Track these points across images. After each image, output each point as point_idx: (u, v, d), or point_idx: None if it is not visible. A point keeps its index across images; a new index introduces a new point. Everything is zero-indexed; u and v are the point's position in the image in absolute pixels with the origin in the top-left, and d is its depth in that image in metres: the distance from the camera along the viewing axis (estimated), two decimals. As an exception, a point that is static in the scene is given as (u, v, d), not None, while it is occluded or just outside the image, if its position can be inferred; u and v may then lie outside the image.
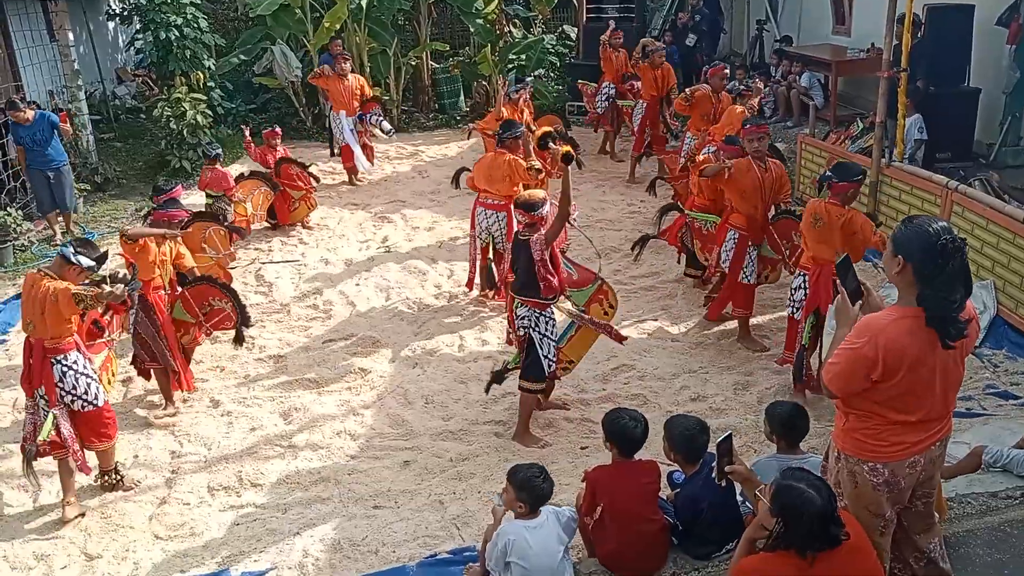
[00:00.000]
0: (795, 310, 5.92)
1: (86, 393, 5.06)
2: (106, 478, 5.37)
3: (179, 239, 6.30)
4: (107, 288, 4.91)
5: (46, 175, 9.29)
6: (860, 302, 3.14)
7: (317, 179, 10.11)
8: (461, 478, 5.36)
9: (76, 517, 5.10)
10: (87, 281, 5.09)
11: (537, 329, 5.45)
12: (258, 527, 5.01)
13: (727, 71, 9.30)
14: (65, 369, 4.99)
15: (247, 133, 10.26)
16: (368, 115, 11.33)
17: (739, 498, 3.96)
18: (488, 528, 3.91)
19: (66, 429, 5.00)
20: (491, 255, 7.72)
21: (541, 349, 5.46)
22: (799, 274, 5.91)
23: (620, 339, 5.73)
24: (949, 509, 4.10)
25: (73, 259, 4.90)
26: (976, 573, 3.78)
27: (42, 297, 4.82)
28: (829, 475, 3.34)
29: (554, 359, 5.52)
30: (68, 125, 9.63)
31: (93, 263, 4.98)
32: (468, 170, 8.03)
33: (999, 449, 4.51)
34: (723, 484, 3.60)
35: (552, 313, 5.51)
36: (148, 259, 5.95)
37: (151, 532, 5.01)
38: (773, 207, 6.75)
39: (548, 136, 5.79)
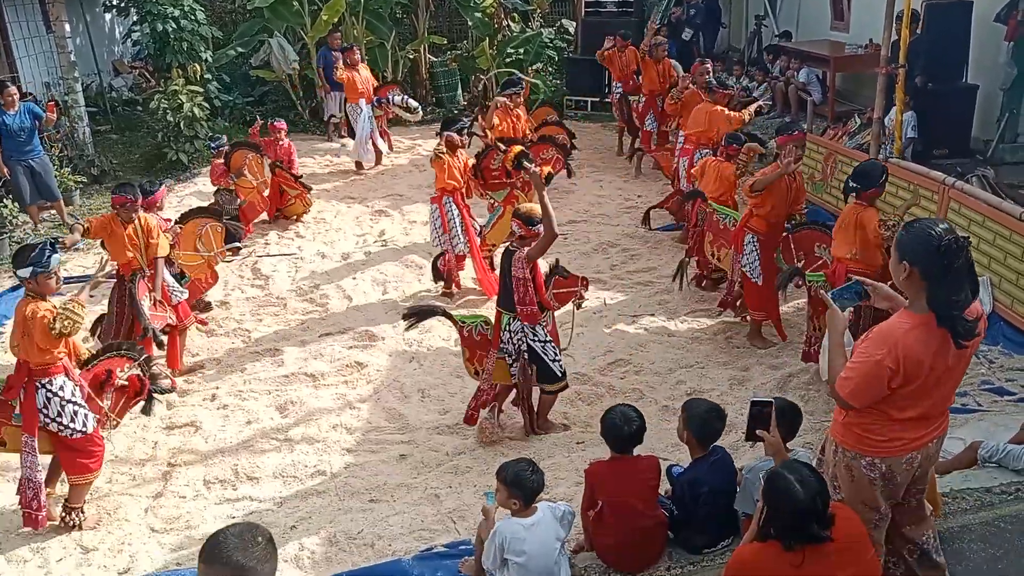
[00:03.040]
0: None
1: (72, 421, 4.79)
2: (67, 516, 4.94)
3: (148, 224, 6.27)
4: (70, 306, 4.69)
5: (29, 166, 9.22)
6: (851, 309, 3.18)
7: (309, 188, 10.09)
8: (457, 472, 5.36)
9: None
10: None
11: (537, 339, 5.39)
12: (254, 520, 5.00)
13: (709, 66, 9.29)
14: (50, 395, 4.75)
15: (257, 126, 10.18)
16: (389, 97, 11.45)
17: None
18: (480, 525, 3.90)
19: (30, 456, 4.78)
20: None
21: (546, 356, 5.40)
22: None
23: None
24: (944, 504, 4.11)
25: (19, 277, 4.74)
26: (970, 568, 3.79)
27: (22, 319, 4.68)
28: (826, 468, 3.35)
29: (560, 359, 5.49)
30: (53, 114, 9.57)
31: (31, 266, 4.67)
32: None
33: (994, 444, 4.52)
34: (751, 446, 3.59)
35: (545, 320, 5.46)
36: (119, 243, 6.12)
37: (147, 525, 5.01)
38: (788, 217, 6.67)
39: (522, 156, 5.59)
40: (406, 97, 11.66)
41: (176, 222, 7.04)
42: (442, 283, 7.91)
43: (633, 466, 3.98)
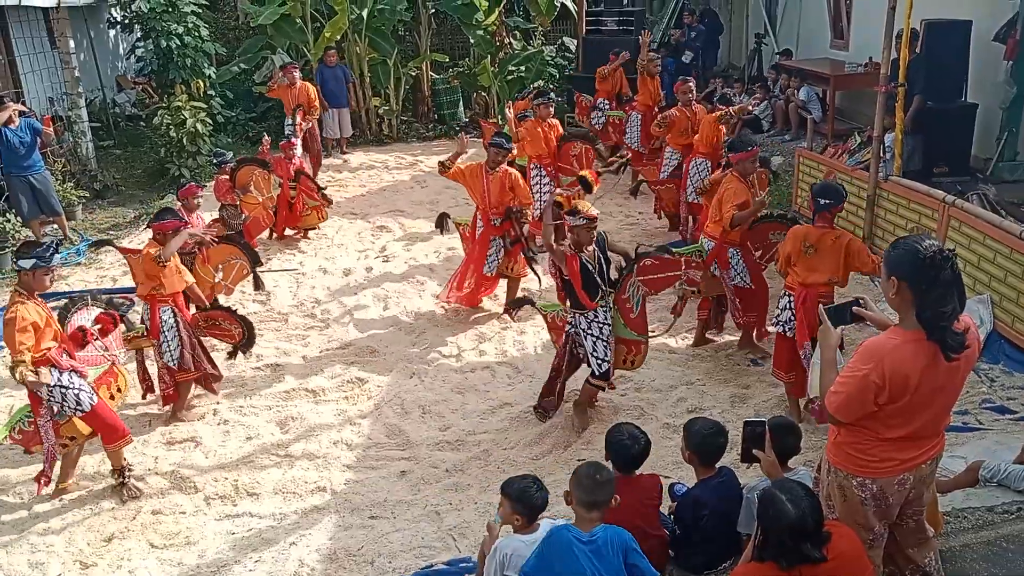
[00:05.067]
0: (784, 329, 5.80)
1: (63, 401, 5.10)
2: (117, 485, 5.39)
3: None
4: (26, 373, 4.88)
5: (30, 181, 9.25)
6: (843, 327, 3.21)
7: (329, 202, 10.09)
8: (458, 489, 5.35)
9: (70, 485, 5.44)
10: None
11: (579, 327, 5.64)
12: (254, 536, 5.00)
13: (692, 84, 9.38)
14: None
15: (266, 143, 10.02)
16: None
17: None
18: (484, 542, 3.89)
19: (46, 432, 5.08)
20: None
21: (586, 345, 5.64)
22: (785, 294, 5.84)
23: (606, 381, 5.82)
24: (945, 523, 4.10)
25: (18, 266, 4.93)
26: (972, 588, 3.78)
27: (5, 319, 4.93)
28: (821, 488, 3.35)
29: (606, 359, 5.63)
30: (50, 128, 9.60)
31: (34, 259, 4.90)
32: (448, 216, 8.12)
33: (996, 464, 4.50)
34: (747, 467, 3.60)
35: (596, 316, 5.60)
36: (168, 272, 5.95)
37: (146, 540, 5.00)
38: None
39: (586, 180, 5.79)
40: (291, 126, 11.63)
41: (216, 239, 7.12)
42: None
43: (636, 485, 3.97)
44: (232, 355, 6.64)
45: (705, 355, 6.92)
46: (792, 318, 5.68)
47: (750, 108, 9.35)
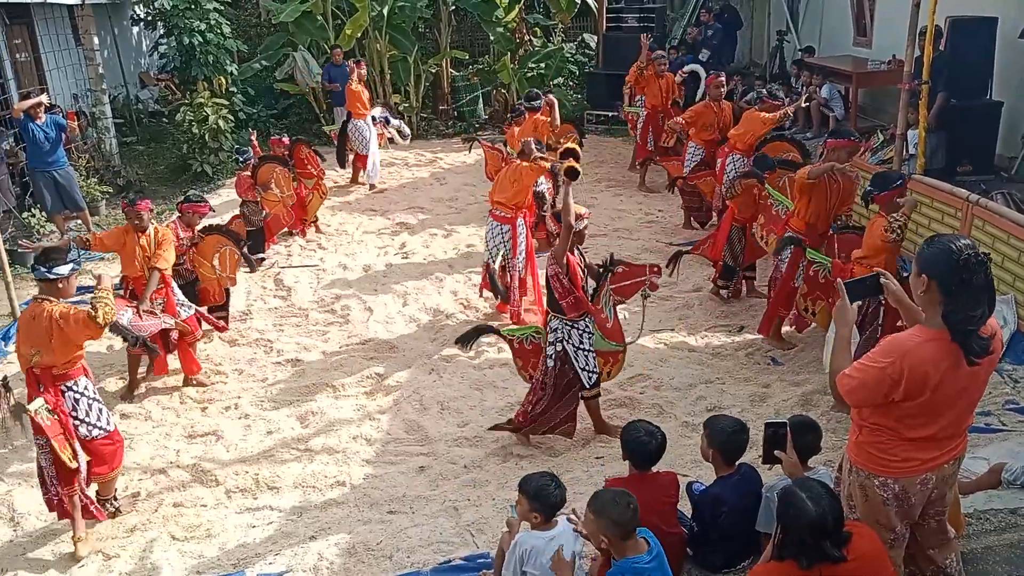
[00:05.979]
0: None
1: (98, 419, 4.94)
2: (104, 507, 5.13)
3: (164, 236, 6.35)
4: (102, 291, 4.65)
5: (54, 176, 9.36)
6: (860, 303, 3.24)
7: (322, 157, 10.06)
8: (476, 484, 5.36)
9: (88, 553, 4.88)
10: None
11: (570, 342, 5.46)
12: (273, 530, 5.04)
13: (723, 79, 9.33)
14: (78, 396, 4.85)
15: (253, 137, 10.10)
16: (387, 118, 11.50)
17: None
18: (503, 537, 3.90)
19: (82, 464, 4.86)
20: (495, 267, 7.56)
21: (578, 362, 5.47)
22: None
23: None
24: (967, 525, 4.06)
25: (53, 275, 4.65)
26: (994, 590, 3.75)
27: (48, 323, 4.58)
28: (842, 488, 3.33)
29: (595, 371, 5.53)
30: (75, 122, 9.72)
31: (71, 263, 4.74)
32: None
33: (1019, 467, 4.46)
34: (769, 468, 3.62)
35: (587, 326, 5.49)
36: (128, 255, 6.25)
37: (168, 533, 5.05)
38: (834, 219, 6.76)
39: (572, 169, 5.60)
40: (401, 123, 11.73)
41: (199, 231, 7.14)
42: (494, 297, 7.74)
43: (653, 483, 3.97)
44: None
45: (725, 353, 6.90)
46: None
47: (804, 104, 9.39)
